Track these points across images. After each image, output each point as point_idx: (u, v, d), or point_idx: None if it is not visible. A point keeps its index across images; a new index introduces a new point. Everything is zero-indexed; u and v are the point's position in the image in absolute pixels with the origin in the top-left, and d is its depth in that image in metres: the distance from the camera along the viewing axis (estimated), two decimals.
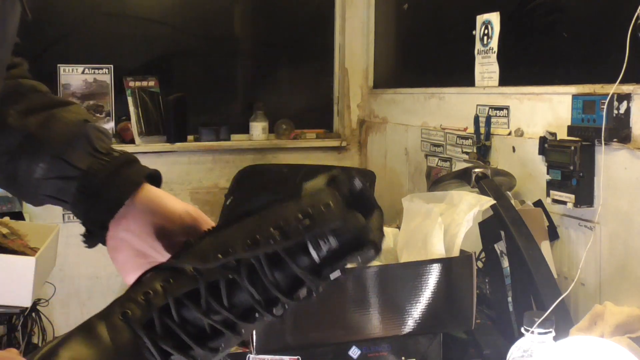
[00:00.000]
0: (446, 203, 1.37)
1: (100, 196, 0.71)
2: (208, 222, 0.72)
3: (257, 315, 0.59)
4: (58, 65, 2.54)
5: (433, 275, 1.21)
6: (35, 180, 0.73)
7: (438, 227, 1.29)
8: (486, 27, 1.90)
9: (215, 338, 0.59)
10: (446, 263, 1.22)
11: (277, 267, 0.58)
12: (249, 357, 1.14)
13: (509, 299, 1.42)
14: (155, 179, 0.75)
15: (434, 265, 1.21)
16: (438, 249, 1.27)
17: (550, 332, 1.08)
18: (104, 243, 0.72)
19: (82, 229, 0.74)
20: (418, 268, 1.21)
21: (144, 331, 0.57)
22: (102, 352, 0.56)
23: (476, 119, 1.89)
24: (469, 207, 1.31)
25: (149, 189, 0.72)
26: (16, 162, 0.73)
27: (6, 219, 2.11)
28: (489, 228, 1.47)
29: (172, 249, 0.69)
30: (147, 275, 0.61)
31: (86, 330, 0.58)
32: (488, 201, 1.33)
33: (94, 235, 0.73)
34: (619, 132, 1.36)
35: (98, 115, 2.64)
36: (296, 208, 0.59)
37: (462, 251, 1.27)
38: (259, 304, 0.59)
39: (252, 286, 0.58)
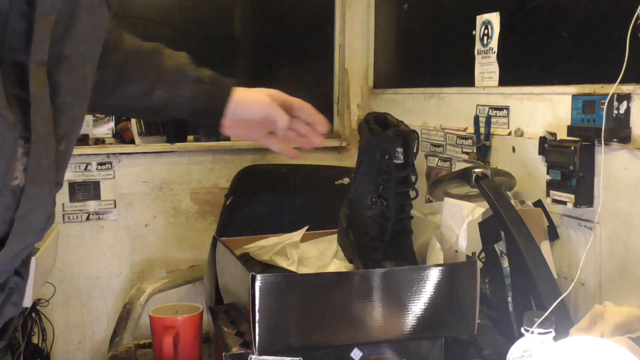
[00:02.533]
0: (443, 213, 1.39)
1: (211, 109, 1.27)
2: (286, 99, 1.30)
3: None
4: None
5: (436, 280, 1.21)
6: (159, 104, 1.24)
7: (437, 240, 1.31)
8: (486, 27, 1.90)
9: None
10: (450, 268, 1.22)
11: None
12: (250, 358, 1.14)
13: (509, 299, 1.42)
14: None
15: (437, 269, 1.21)
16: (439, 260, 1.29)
17: (550, 332, 1.07)
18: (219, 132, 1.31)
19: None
20: (421, 272, 1.21)
21: None
22: None
23: (476, 119, 1.89)
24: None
25: (234, 95, 1.30)
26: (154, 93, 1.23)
27: None
28: (489, 228, 1.47)
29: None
30: None
31: None
32: (479, 210, 1.34)
33: (211, 132, 1.48)
34: (619, 132, 1.36)
35: (98, 115, 2.63)
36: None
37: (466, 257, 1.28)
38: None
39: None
